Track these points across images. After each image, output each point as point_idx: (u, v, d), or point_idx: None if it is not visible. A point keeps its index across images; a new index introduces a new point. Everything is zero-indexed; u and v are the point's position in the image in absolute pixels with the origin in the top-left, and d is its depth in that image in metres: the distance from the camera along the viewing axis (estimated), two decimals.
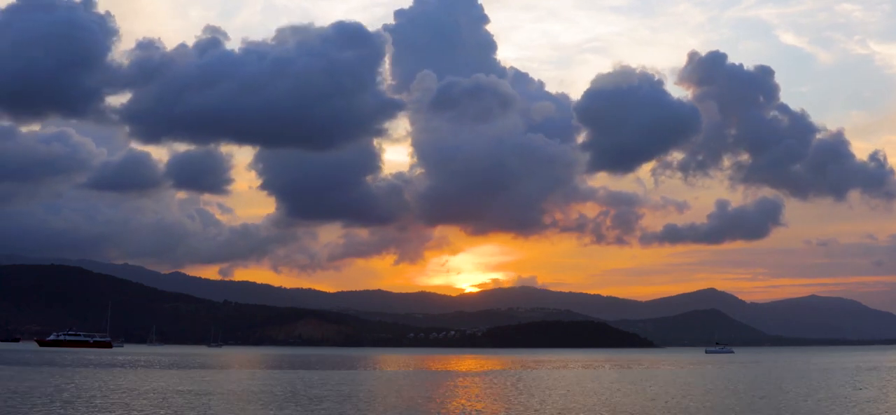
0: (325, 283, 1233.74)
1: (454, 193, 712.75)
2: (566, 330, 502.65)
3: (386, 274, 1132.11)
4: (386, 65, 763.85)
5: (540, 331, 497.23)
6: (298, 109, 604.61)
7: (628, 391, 65.30)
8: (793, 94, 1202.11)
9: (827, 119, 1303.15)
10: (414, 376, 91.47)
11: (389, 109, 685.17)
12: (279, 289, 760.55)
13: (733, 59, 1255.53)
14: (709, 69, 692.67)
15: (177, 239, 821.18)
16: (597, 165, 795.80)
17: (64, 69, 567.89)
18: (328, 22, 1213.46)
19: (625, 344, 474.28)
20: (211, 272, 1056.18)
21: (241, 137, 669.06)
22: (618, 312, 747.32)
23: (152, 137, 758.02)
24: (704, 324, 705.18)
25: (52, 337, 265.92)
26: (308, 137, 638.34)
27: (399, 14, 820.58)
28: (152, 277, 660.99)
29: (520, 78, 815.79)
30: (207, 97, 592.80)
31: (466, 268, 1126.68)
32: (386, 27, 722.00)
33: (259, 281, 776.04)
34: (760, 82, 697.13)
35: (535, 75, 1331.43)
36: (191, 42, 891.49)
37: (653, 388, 70.25)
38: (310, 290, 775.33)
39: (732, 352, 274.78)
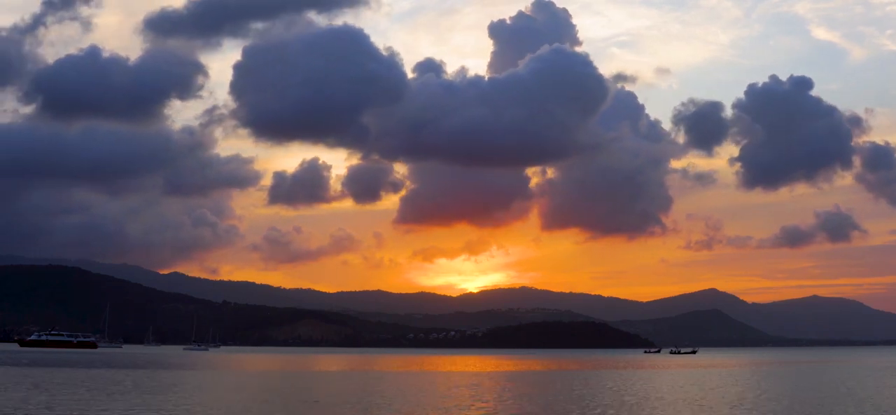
0: (325, 283, 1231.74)
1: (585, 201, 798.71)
2: (567, 331, 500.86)
3: (386, 274, 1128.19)
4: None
5: (540, 332, 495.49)
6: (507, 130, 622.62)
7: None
8: (823, 90, 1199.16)
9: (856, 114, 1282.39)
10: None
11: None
12: (278, 289, 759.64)
13: (765, 55, 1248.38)
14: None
15: (283, 245, 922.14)
16: (752, 181, 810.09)
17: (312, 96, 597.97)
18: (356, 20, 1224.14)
19: (626, 345, 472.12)
20: (274, 276, 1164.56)
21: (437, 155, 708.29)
22: (619, 312, 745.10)
23: (368, 155, 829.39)
24: (706, 324, 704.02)
25: (33, 337, 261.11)
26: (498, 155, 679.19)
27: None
28: (151, 277, 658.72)
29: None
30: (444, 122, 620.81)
31: (468, 269, 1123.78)
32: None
33: (259, 281, 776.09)
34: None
35: None
36: None
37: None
38: (309, 290, 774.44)
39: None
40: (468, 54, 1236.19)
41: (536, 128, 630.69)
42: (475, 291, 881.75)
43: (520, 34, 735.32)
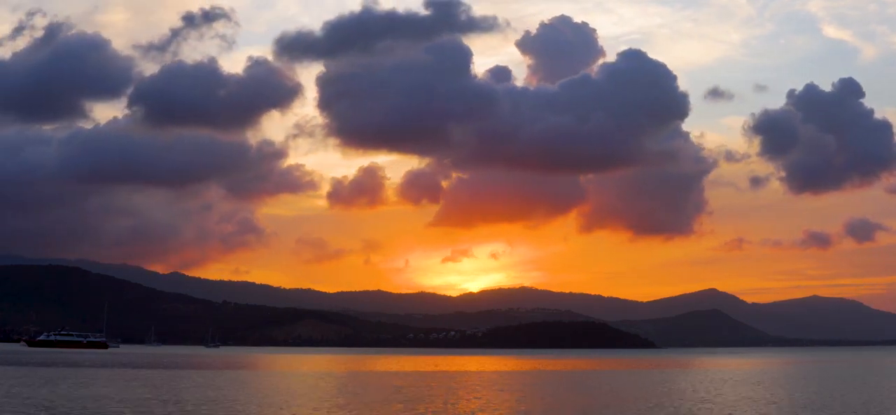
0: (325, 283, 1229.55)
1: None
2: (567, 331, 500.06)
3: (386, 274, 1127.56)
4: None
5: (541, 331, 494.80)
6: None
7: None
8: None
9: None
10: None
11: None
12: (278, 289, 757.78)
13: (776, 54, 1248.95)
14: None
15: (318, 248, 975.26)
16: (801, 186, 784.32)
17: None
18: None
19: (626, 345, 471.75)
20: (273, 276, 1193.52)
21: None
22: (619, 312, 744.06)
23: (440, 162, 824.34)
24: (706, 325, 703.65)
25: (42, 337, 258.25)
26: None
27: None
28: (151, 277, 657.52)
29: None
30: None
31: (468, 269, 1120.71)
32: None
33: (258, 281, 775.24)
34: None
35: None
36: None
37: None
38: (309, 290, 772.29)
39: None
40: (478, 54, 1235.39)
41: (611, 135, 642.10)
42: (475, 291, 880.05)
43: (549, 45, 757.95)
